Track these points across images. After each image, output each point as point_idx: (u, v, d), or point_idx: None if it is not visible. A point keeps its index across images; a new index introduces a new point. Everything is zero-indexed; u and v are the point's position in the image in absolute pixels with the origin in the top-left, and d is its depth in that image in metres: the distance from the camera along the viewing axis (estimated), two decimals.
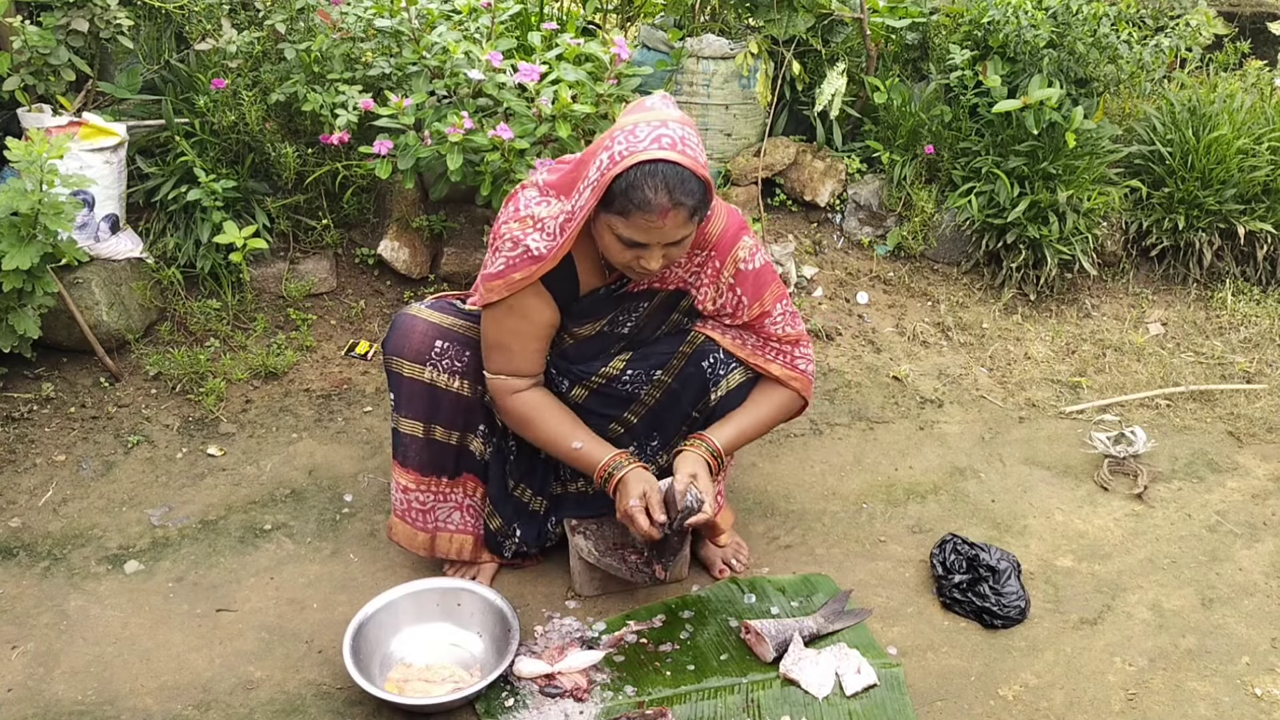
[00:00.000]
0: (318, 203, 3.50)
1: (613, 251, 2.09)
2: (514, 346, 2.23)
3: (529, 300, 2.19)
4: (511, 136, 3.02)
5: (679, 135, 1.99)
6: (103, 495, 2.72)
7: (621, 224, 2.01)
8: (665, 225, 1.99)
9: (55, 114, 3.00)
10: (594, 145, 2.09)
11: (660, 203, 1.95)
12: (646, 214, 1.96)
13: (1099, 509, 2.89)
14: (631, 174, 1.95)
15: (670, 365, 2.34)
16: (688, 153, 1.98)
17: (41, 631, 2.30)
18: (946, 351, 3.64)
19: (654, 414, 2.39)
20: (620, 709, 2.15)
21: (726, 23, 4.20)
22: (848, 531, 2.75)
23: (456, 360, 2.30)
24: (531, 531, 2.50)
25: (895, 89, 4.09)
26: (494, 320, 2.21)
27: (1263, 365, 3.66)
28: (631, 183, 1.95)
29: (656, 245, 2.04)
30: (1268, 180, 3.98)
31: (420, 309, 2.33)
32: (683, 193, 1.96)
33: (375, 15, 3.22)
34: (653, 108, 2.06)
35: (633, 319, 2.32)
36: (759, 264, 2.28)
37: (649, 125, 1.99)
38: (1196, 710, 2.23)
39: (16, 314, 2.74)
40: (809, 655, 2.27)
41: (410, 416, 2.34)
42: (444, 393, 2.31)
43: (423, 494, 2.42)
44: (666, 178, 1.95)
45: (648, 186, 1.94)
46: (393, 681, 2.19)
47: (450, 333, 2.29)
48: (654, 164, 1.95)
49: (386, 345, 2.32)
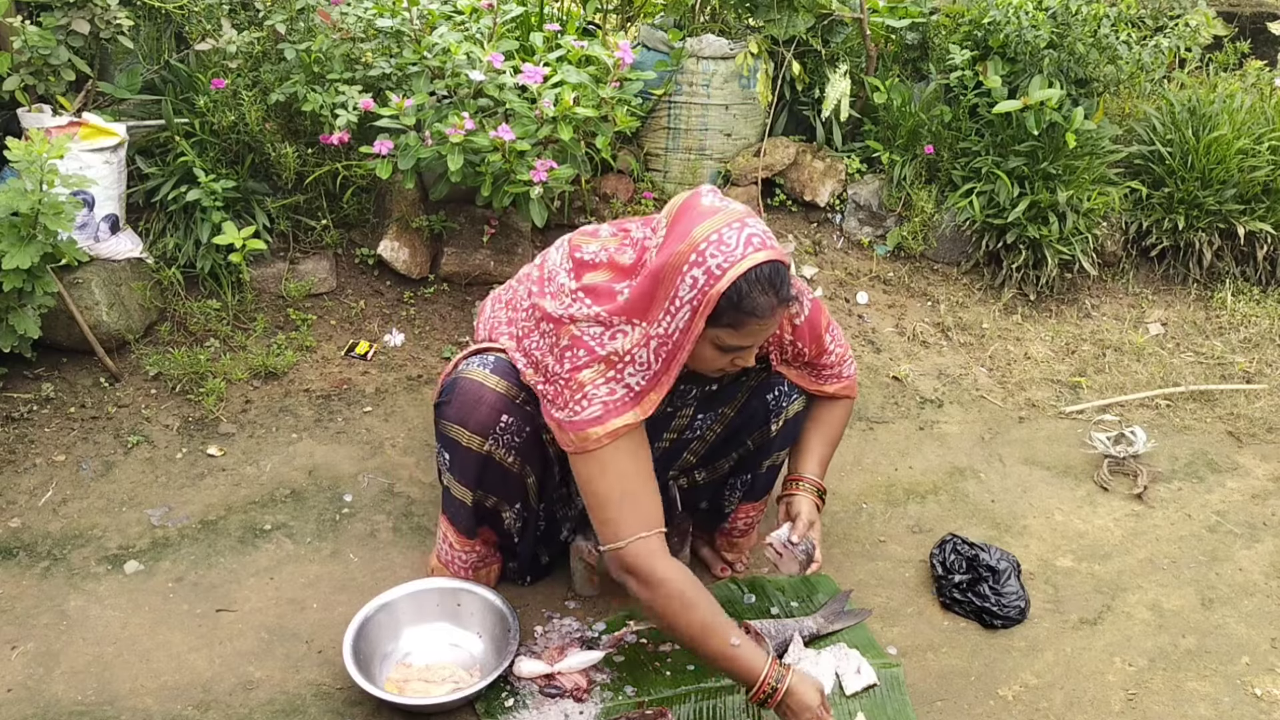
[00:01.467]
0: (318, 203, 3.50)
1: (708, 361, 2.01)
2: (638, 489, 2.00)
3: (639, 435, 2.01)
4: (513, 137, 3.02)
5: (763, 230, 1.93)
6: (103, 495, 2.72)
7: (729, 335, 1.94)
8: (773, 324, 1.96)
9: (55, 114, 3.00)
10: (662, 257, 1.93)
11: (769, 305, 1.91)
12: (760, 320, 1.92)
13: (1099, 509, 2.89)
14: (740, 285, 1.87)
15: (735, 400, 2.31)
16: (774, 244, 1.93)
17: (41, 631, 2.30)
18: (946, 351, 3.64)
19: (711, 449, 2.38)
20: (620, 709, 2.15)
21: (726, 23, 4.20)
22: (848, 531, 2.75)
23: (517, 436, 2.18)
24: (539, 573, 2.53)
25: (895, 89, 4.09)
26: (602, 470, 1.99)
27: (1263, 365, 3.67)
28: (743, 294, 1.88)
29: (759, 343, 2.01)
30: (1268, 180, 3.98)
31: (483, 374, 2.16)
32: (786, 288, 1.93)
33: (376, 15, 3.22)
34: (717, 207, 1.95)
35: (703, 389, 2.28)
36: (808, 310, 2.23)
37: (732, 229, 1.90)
38: (1196, 710, 2.23)
39: (16, 314, 2.74)
40: (809, 655, 2.28)
41: (463, 483, 2.25)
42: (498, 465, 2.22)
43: (465, 554, 2.40)
44: (771, 280, 1.90)
45: (759, 294, 1.89)
46: (393, 681, 2.19)
47: (514, 406, 2.15)
48: (758, 268, 1.88)
49: (445, 410, 2.18)
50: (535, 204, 3.17)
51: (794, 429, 2.38)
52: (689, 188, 2.83)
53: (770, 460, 2.41)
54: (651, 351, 1.97)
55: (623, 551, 1.97)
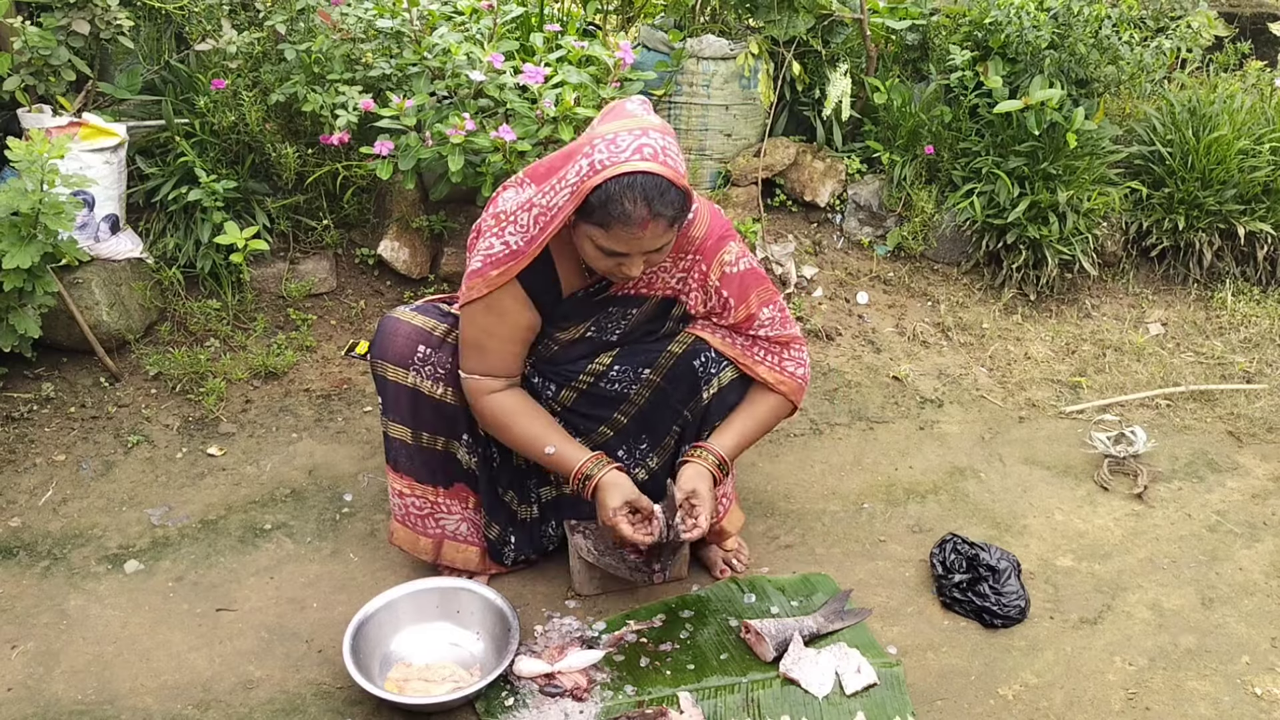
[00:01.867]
0: (318, 203, 3.50)
1: (593, 259, 2.09)
2: (490, 346, 2.22)
3: (506, 300, 2.18)
4: (514, 138, 3.03)
5: (660, 145, 1.97)
6: (103, 495, 2.72)
7: (601, 235, 2.00)
8: (644, 236, 1.98)
9: (55, 114, 3.00)
10: (577, 143, 2.08)
11: (640, 214, 1.94)
12: (626, 226, 1.95)
13: (1099, 509, 2.89)
14: (611, 186, 1.93)
15: (659, 364, 2.32)
16: (668, 163, 1.96)
17: (41, 631, 2.30)
18: (946, 351, 3.64)
19: (643, 414, 2.37)
20: (620, 709, 2.15)
21: (726, 23, 4.20)
22: (848, 531, 2.75)
23: (439, 367, 2.28)
24: (525, 539, 2.49)
25: (895, 89, 4.09)
26: (471, 319, 2.20)
27: (1263, 365, 3.66)
28: (610, 195, 1.93)
29: (637, 253, 2.03)
30: (1268, 180, 3.98)
31: (405, 312, 2.33)
32: (662, 204, 1.95)
33: (376, 16, 3.23)
34: (633, 114, 2.04)
35: (621, 325, 2.31)
36: (744, 267, 2.26)
37: (630, 134, 1.96)
38: (1196, 710, 2.23)
39: (17, 314, 2.75)
40: (809, 655, 2.27)
41: (398, 421, 2.34)
42: (426, 399, 2.30)
43: (418, 500, 2.41)
44: (645, 189, 1.93)
45: (626, 199, 1.93)
46: (393, 681, 2.19)
47: (433, 337, 2.29)
48: (633, 176, 1.93)
49: (373, 348, 2.33)
50: None
51: (731, 400, 2.35)
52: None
53: (711, 430, 2.38)
54: (532, 217, 2.09)
55: (464, 381, 2.25)
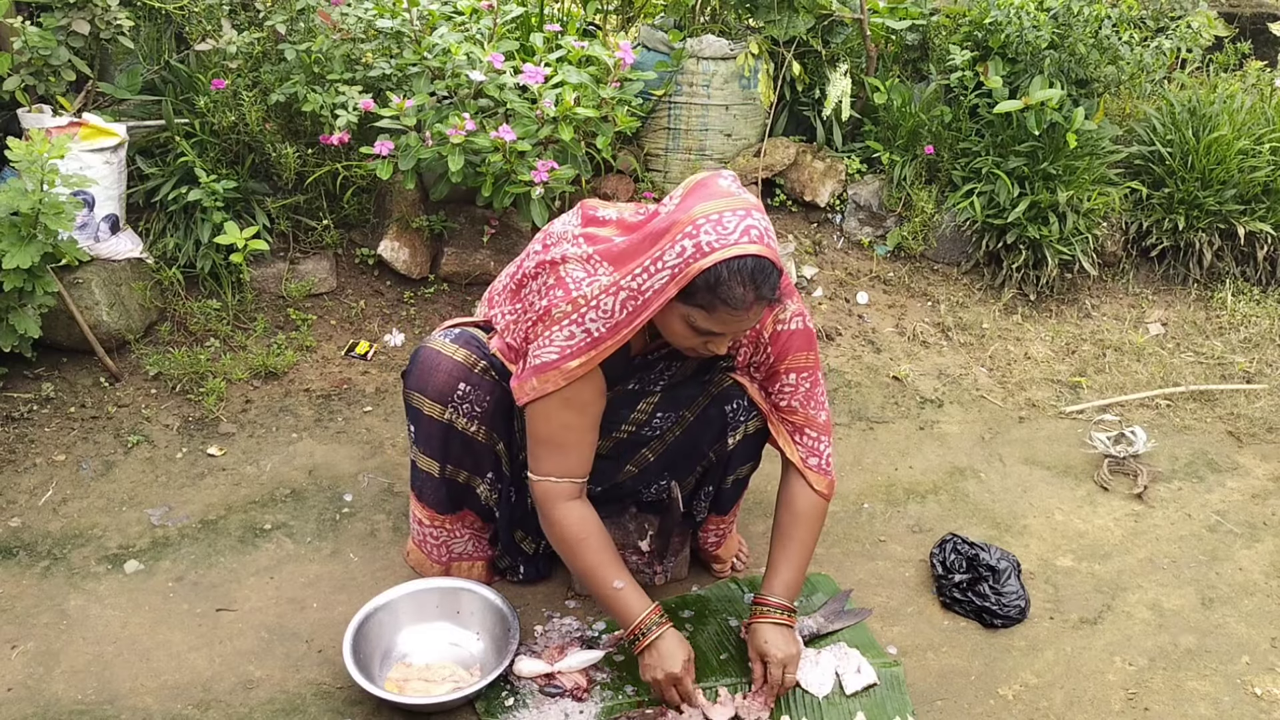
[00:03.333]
0: (318, 203, 3.50)
1: (680, 336, 2.01)
2: (569, 442, 2.09)
3: (586, 391, 2.06)
4: (514, 138, 3.03)
5: (764, 227, 1.92)
6: (103, 495, 2.72)
7: (702, 317, 1.93)
8: (747, 319, 1.94)
9: (55, 114, 3.00)
10: (665, 223, 1.96)
11: (747, 299, 1.89)
12: (731, 310, 1.90)
13: (1099, 509, 2.89)
14: (720, 269, 1.87)
15: (695, 404, 2.28)
16: (771, 245, 1.92)
17: (41, 631, 2.30)
18: (946, 351, 3.64)
19: (671, 451, 2.35)
20: (620, 709, 2.15)
21: (726, 23, 4.20)
22: (848, 531, 2.75)
23: (477, 405, 2.22)
24: (532, 569, 2.51)
25: (895, 89, 4.09)
26: (545, 415, 2.06)
27: (1263, 365, 3.66)
28: (720, 278, 1.87)
29: (731, 334, 2.00)
30: (1268, 181, 3.98)
31: (445, 344, 2.23)
32: (767, 288, 1.91)
33: (376, 16, 3.23)
34: (729, 191, 1.97)
35: (665, 377, 2.26)
36: (795, 327, 2.18)
37: (734, 214, 1.90)
38: (1196, 710, 2.23)
39: (17, 314, 2.74)
40: (809, 655, 2.28)
41: (428, 454, 2.30)
42: (459, 434, 2.26)
43: (436, 530, 2.42)
44: (754, 274, 1.88)
45: (737, 283, 1.87)
46: (393, 681, 2.19)
47: (473, 374, 2.20)
48: (742, 259, 1.87)
49: (408, 379, 2.25)
50: (536, 204, 3.18)
51: (753, 448, 2.34)
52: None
53: (734, 476, 2.39)
54: (619, 302, 1.98)
55: (535, 484, 2.12)
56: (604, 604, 2.15)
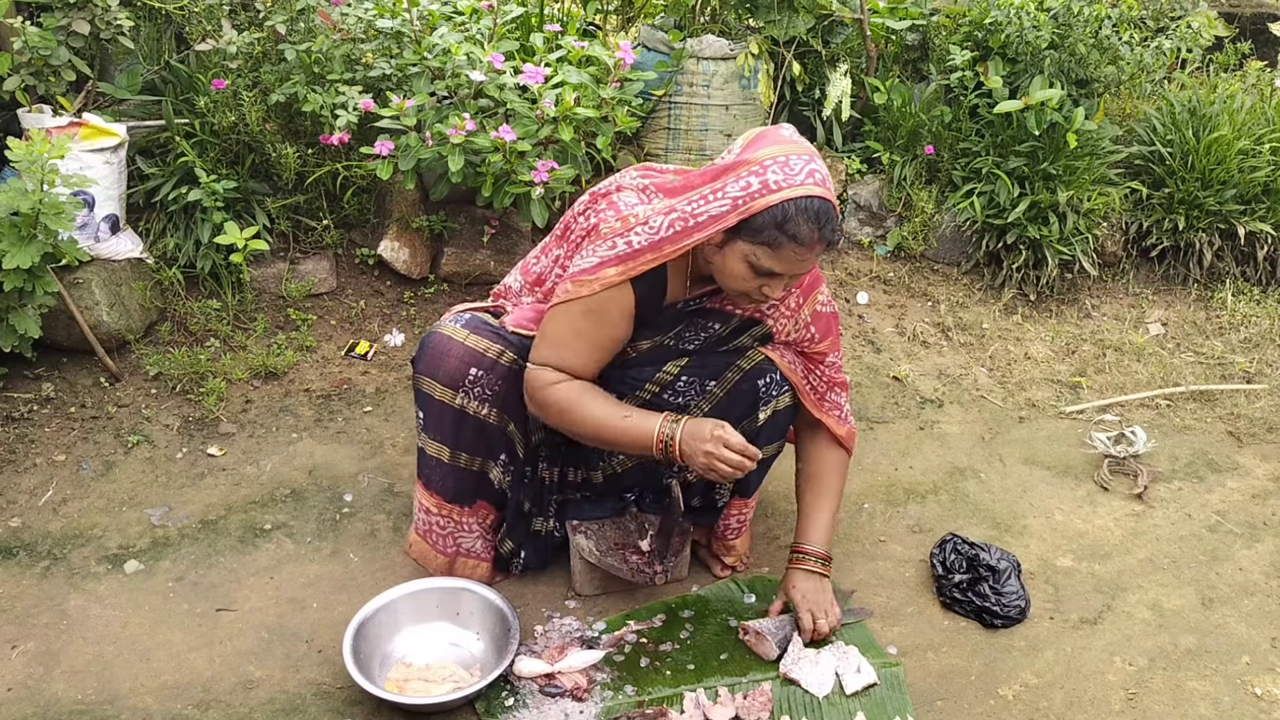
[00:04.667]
0: (318, 203, 3.50)
1: (737, 279, 2.04)
2: (575, 347, 2.13)
3: (612, 307, 2.10)
4: (514, 138, 3.03)
5: (826, 173, 1.99)
6: (103, 495, 2.72)
7: (766, 254, 1.98)
8: (808, 259, 2.00)
9: (55, 114, 3.00)
10: (723, 165, 2.02)
11: (811, 237, 1.95)
12: (798, 248, 1.95)
13: (1099, 509, 2.89)
14: (788, 206, 1.93)
15: (724, 378, 2.28)
16: (831, 190, 1.98)
17: (41, 631, 2.30)
18: (946, 351, 3.64)
19: None
20: (620, 709, 2.15)
21: (726, 23, 4.20)
22: (848, 531, 2.75)
23: (488, 389, 2.24)
24: (535, 552, 2.50)
25: (895, 90, 4.09)
26: (565, 316, 2.12)
27: (1263, 365, 3.66)
28: (788, 215, 1.93)
29: (789, 275, 2.03)
30: (1268, 181, 3.98)
31: (456, 329, 2.25)
32: (830, 229, 1.97)
33: (376, 16, 3.23)
34: (793, 140, 2.03)
35: (700, 338, 2.27)
36: (830, 310, 2.34)
37: (800, 158, 1.97)
38: (1196, 710, 2.23)
39: (17, 314, 2.75)
40: (809, 655, 2.28)
41: (437, 439, 2.31)
42: (471, 419, 2.27)
43: (443, 519, 2.41)
44: (820, 214, 1.94)
45: (804, 221, 1.93)
46: (393, 681, 2.19)
47: (485, 359, 2.23)
48: (810, 199, 1.94)
49: (418, 364, 2.26)
50: (536, 204, 3.18)
51: (781, 424, 2.35)
52: None
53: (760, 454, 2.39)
54: (668, 221, 2.02)
55: (530, 371, 2.16)
56: (620, 444, 2.16)
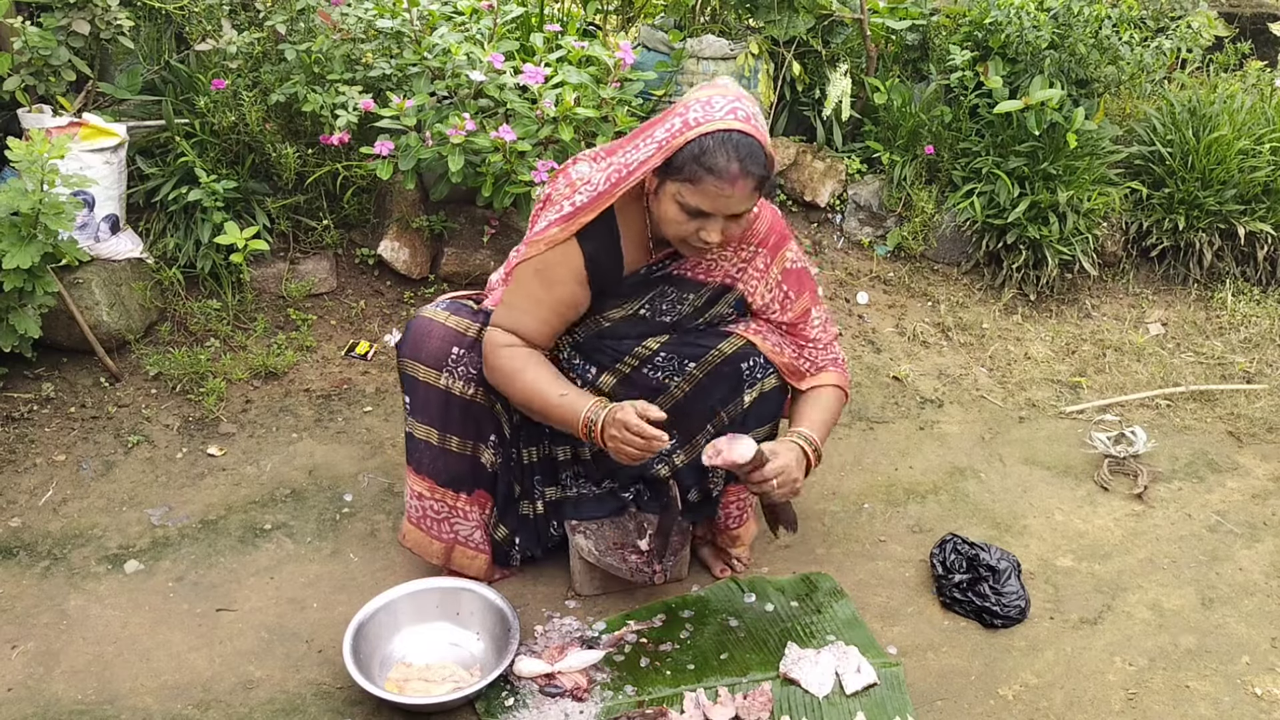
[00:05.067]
0: (318, 203, 3.50)
1: (672, 223, 2.08)
2: (528, 310, 2.20)
3: (561, 269, 2.17)
4: (514, 138, 3.03)
5: (751, 111, 2.04)
6: (103, 495, 2.72)
7: (689, 191, 2.02)
8: (733, 194, 2.01)
9: (55, 114, 3.00)
10: (660, 115, 2.12)
11: (731, 170, 1.98)
12: (717, 180, 1.99)
13: (1099, 509, 2.89)
14: (705, 140, 1.98)
15: (705, 360, 2.28)
16: (758, 129, 2.02)
17: (41, 631, 2.31)
18: (946, 351, 3.64)
19: (679, 409, 2.31)
20: (620, 709, 2.15)
21: (727, 23, 4.21)
22: (848, 531, 2.75)
23: (471, 367, 2.27)
24: (531, 536, 2.49)
25: (895, 89, 4.09)
26: (520, 282, 2.21)
27: (1263, 365, 3.66)
28: (705, 148, 1.98)
29: (719, 216, 2.05)
30: (1268, 181, 3.98)
31: (437, 311, 2.30)
32: (753, 163, 2.00)
33: (376, 16, 3.23)
34: (725, 86, 2.10)
35: (676, 309, 2.28)
36: (802, 265, 2.34)
37: (724, 99, 2.03)
38: (1196, 710, 2.23)
39: (17, 314, 2.75)
40: (809, 655, 2.28)
41: (425, 422, 2.32)
42: (457, 399, 2.28)
43: (437, 503, 2.40)
44: (739, 147, 1.98)
45: (721, 154, 1.97)
46: (393, 681, 2.19)
47: (465, 338, 2.27)
48: (728, 133, 1.98)
49: (402, 348, 2.29)
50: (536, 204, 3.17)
51: (770, 408, 2.35)
52: None
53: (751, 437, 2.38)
54: (605, 175, 2.13)
55: (488, 332, 2.22)
56: (551, 420, 2.22)
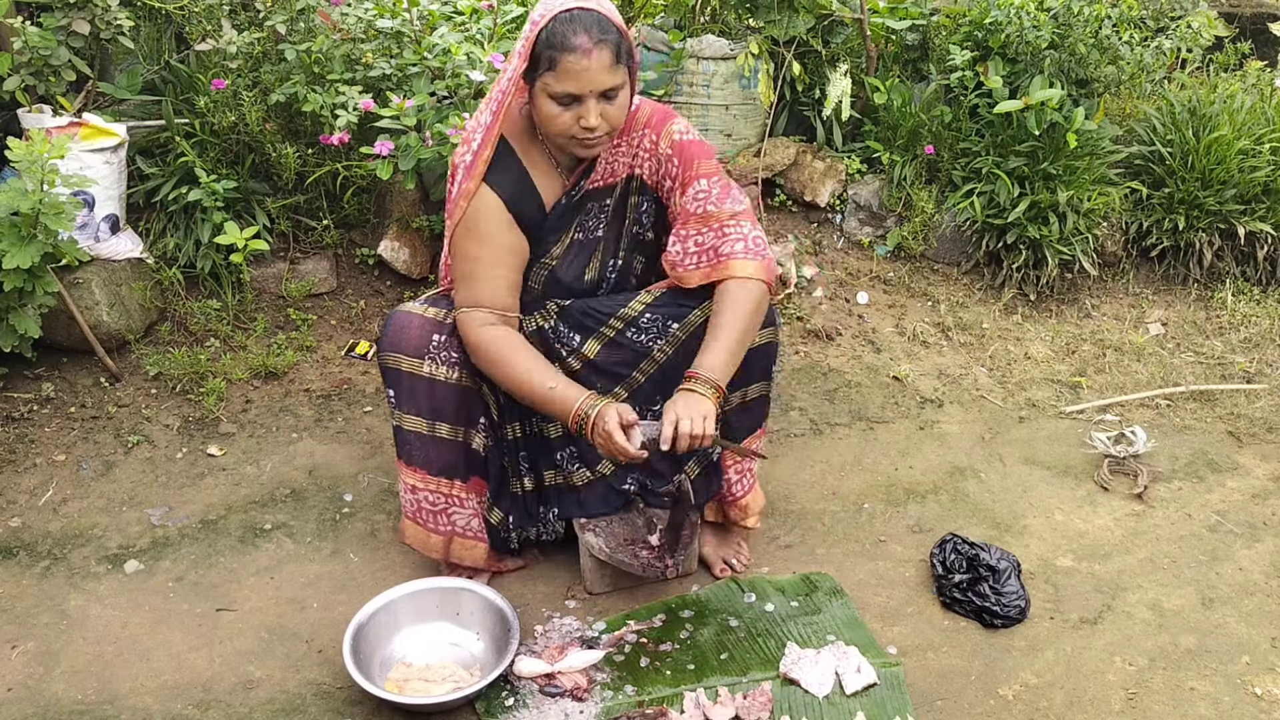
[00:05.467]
0: (318, 203, 3.50)
1: (552, 120, 2.12)
2: (477, 273, 2.22)
3: (485, 220, 2.21)
4: None
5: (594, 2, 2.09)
6: (103, 495, 2.72)
7: (553, 79, 2.07)
8: (592, 65, 2.05)
9: (55, 114, 3.00)
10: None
11: (582, 43, 2.04)
12: (572, 54, 2.04)
13: (1099, 509, 2.88)
14: (552, 26, 2.05)
15: (687, 321, 2.32)
16: (604, 5, 2.09)
17: (41, 631, 2.31)
18: (946, 351, 3.64)
19: (663, 372, 2.34)
20: (620, 709, 2.15)
21: (727, 23, 4.21)
22: (848, 531, 2.75)
23: (452, 351, 2.28)
24: (523, 514, 2.48)
25: (895, 89, 4.09)
26: (455, 248, 2.25)
27: (1263, 365, 3.66)
28: (553, 33, 2.05)
29: (590, 96, 2.08)
30: (1268, 181, 3.98)
31: (414, 306, 2.34)
32: (601, 31, 2.05)
33: (376, 16, 3.23)
34: None
35: (601, 219, 2.35)
36: (692, 137, 2.32)
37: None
38: (1196, 710, 2.23)
39: (17, 314, 2.75)
40: (809, 655, 2.28)
41: (412, 412, 2.32)
42: (443, 385, 2.28)
43: (432, 494, 2.39)
44: (584, 21, 2.05)
45: (568, 31, 2.04)
46: (393, 681, 2.19)
47: (444, 325, 2.29)
48: (570, 12, 2.05)
49: (382, 343, 2.30)
50: None
51: (763, 362, 2.38)
52: None
53: (740, 396, 2.38)
54: (488, 110, 2.19)
55: (457, 316, 2.24)
56: (543, 409, 2.24)
